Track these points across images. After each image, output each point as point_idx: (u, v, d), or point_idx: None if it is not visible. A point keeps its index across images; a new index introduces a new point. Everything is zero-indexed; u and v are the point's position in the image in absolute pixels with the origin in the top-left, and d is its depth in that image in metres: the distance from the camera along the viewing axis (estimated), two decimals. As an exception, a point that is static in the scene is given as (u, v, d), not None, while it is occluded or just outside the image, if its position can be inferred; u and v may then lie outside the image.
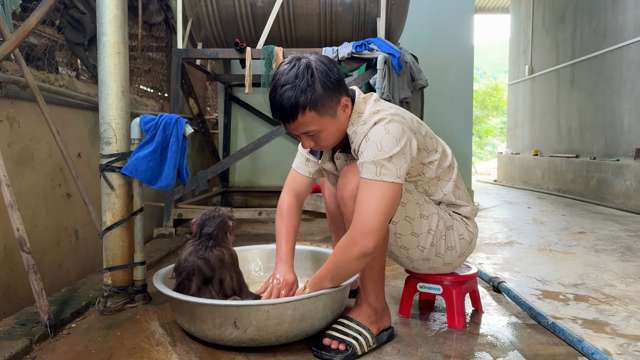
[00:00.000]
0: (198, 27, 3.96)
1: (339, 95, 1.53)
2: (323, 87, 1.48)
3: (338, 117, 1.54)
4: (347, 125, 1.59)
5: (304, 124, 1.51)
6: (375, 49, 3.40)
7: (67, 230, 2.68)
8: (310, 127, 1.51)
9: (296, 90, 1.46)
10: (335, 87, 1.51)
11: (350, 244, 1.45)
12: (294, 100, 1.46)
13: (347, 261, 1.48)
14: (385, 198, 1.44)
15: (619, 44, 6.06)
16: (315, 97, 1.47)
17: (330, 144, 1.60)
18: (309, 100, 1.46)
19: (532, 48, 8.79)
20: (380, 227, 1.44)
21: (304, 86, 1.46)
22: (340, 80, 1.54)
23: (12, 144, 2.24)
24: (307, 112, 1.48)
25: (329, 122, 1.53)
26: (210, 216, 1.77)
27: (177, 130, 1.97)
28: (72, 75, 3.15)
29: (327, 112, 1.51)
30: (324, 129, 1.53)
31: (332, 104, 1.51)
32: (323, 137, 1.55)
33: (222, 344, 1.61)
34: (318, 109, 1.48)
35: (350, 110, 1.58)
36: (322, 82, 1.48)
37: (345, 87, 1.57)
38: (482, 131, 17.49)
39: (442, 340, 1.72)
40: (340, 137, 1.60)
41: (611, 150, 6.25)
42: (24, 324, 1.72)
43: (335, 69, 1.53)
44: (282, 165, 5.34)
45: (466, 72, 5.53)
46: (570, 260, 2.98)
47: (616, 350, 1.65)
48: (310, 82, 1.47)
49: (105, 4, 1.90)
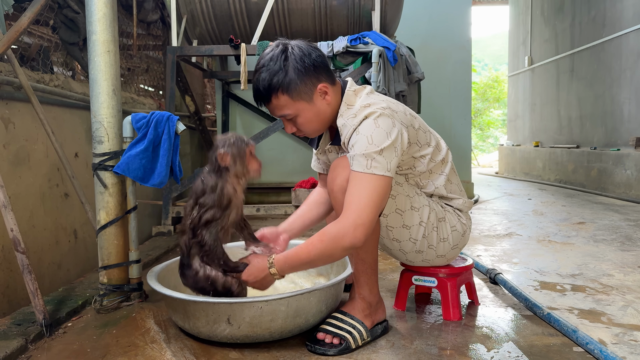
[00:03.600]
0: (193, 25, 3.95)
1: (315, 80, 1.54)
2: (295, 71, 1.51)
3: (315, 102, 1.56)
4: (330, 112, 1.60)
5: (279, 107, 1.55)
6: (370, 43, 3.39)
7: (66, 230, 2.69)
8: (285, 111, 1.55)
9: (269, 73, 1.51)
10: (310, 72, 1.53)
11: (340, 235, 1.43)
12: (267, 83, 1.51)
13: (333, 250, 1.46)
14: (377, 191, 1.44)
15: (618, 33, 6.02)
16: (287, 80, 1.50)
17: (311, 130, 1.62)
18: (281, 84, 1.50)
19: (532, 39, 8.75)
20: (371, 220, 1.44)
21: (276, 69, 1.50)
22: (317, 66, 1.55)
23: (7, 145, 2.25)
24: (280, 95, 1.52)
25: (305, 107, 1.55)
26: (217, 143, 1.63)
27: (168, 127, 1.97)
28: (68, 75, 3.16)
29: (301, 96, 1.53)
30: (300, 113, 1.56)
31: (307, 89, 1.53)
32: (300, 122, 1.58)
33: (216, 340, 1.61)
34: (291, 92, 1.52)
35: (332, 98, 1.58)
36: (294, 67, 1.51)
37: (326, 74, 1.58)
38: (484, 123, 17.44)
39: (437, 333, 1.72)
40: (322, 124, 1.61)
41: (611, 140, 6.22)
42: (20, 324, 1.73)
43: (314, 54, 1.55)
44: (282, 162, 5.34)
45: (464, 64, 5.50)
46: (569, 250, 2.97)
47: (612, 340, 1.65)
48: (282, 66, 1.51)
49: (94, 3, 1.89)
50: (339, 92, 1.62)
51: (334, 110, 1.60)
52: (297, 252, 1.52)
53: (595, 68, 6.60)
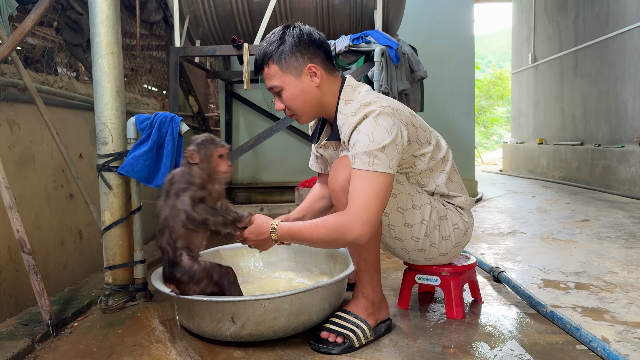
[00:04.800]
0: (195, 25, 3.96)
1: (307, 58, 1.59)
2: (290, 44, 1.57)
3: (302, 80, 1.59)
4: (317, 96, 1.62)
5: (269, 76, 1.61)
6: (372, 42, 3.39)
7: (71, 230, 2.71)
8: (273, 82, 1.61)
9: (267, 43, 1.60)
10: (303, 48, 1.58)
11: (346, 228, 1.44)
12: (262, 52, 1.60)
13: (335, 239, 1.47)
14: (380, 188, 1.45)
15: (622, 29, 5.99)
16: (280, 50, 1.58)
17: (297, 108, 1.63)
18: (273, 52, 1.58)
19: (535, 36, 8.72)
20: (377, 217, 1.45)
21: (273, 39, 1.59)
22: (312, 44, 1.60)
23: (12, 147, 2.26)
24: (271, 64, 1.59)
25: (291, 81, 1.59)
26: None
27: (172, 128, 1.98)
28: (72, 76, 3.17)
29: (290, 70, 1.58)
30: (285, 87, 1.60)
31: (297, 64, 1.58)
32: (285, 97, 1.62)
33: (220, 339, 1.62)
34: (280, 63, 1.58)
35: (322, 82, 1.61)
36: (290, 40, 1.58)
37: (322, 59, 1.62)
38: (488, 121, 17.39)
39: (441, 331, 1.73)
40: (308, 105, 1.63)
41: (616, 137, 6.20)
42: (27, 324, 1.75)
43: (314, 34, 1.61)
44: (285, 161, 5.35)
45: (467, 62, 5.49)
46: (573, 248, 2.97)
47: (615, 338, 1.65)
48: (279, 37, 1.59)
49: (97, 5, 1.91)
50: (335, 84, 1.64)
51: (324, 99, 1.63)
52: (301, 227, 1.54)
53: (599, 65, 6.57)
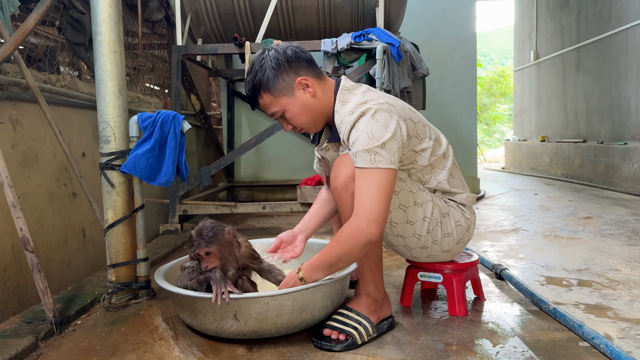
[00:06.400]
0: (197, 23, 3.97)
1: (292, 75, 1.61)
2: (270, 70, 1.60)
3: (297, 96, 1.62)
4: (317, 106, 1.64)
5: (266, 106, 1.65)
6: (374, 39, 3.39)
7: (74, 229, 2.72)
8: (272, 109, 1.64)
9: (251, 76, 1.63)
10: (285, 68, 1.61)
11: (355, 232, 1.45)
12: (250, 85, 1.64)
13: (350, 249, 1.48)
14: (384, 184, 1.46)
15: (625, 26, 5.97)
16: (265, 79, 1.60)
17: (304, 123, 1.67)
18: (260, 84, 1.61)
19: (537, 33, 8.69)
20: (384, 213, 1.46)
21: (255, 70, 1.62)
22: (292, 61, 1.62)
23: (15, 146, 2.27)
24: (263, 94, 1.62)
25: (288, 102, 1.62)
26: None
27: (174, 126, 1.98)
28: (74, 75, 3.18)
29: (282, 92, 1.61)
30: (286, 109, 1.63)
31: (286, 84, 1.61)
32: (289, 117, 1.65)
33: (223, 336, 1.63)
34: (270, 90, 1.60)
35: (317, 90, 1.63)
36: (269, 66, 1.60)
37: (306, 69, 1.64)
38: (490, 118, 17.36)
39: (443, 329, 1.73)
40: (312, 116, 1.65)
41: (618, 134, 6.18)
42: (30, 322, 1.76)
43: (289, 51, 1.63)
44: (287, 159, 5.35)
45: (469, 59, 5.48)
46: (576, 245, 2.97)
47: (618, 335, 1.65)
48: (259, 68, 1.61)
49: (99, 3, 1.91)
50: (329, 88, 1.66)
51: (323, 104, 1.65)
52: (320, 256, 1.57)
53: (602, 62, 6.55)
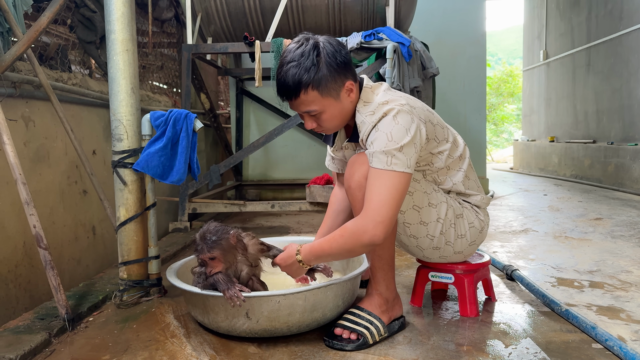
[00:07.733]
0: (207, 22, 3.97)
1: (344, 78, 1.54)
2: (328, 67, 1.49)
3: (341, 100, 1.56)
4: (351, 110, 1.60)
5: (306, 102, 1.52)
6: (384, 38, 3.38)
7: (85, 226, 2.73)
8: (312, 107, 1.53)
9: (300, 68, 1.48)
10: (341, 69, 1.52)
11: (360, 231, 1.45)
12: (298, 78, 1.48)
13: (353, 246, 1.48)
14: (397, 187, 1.45)
15: (636, 26, 5.92)
16: (319, 76, 1.48)
17: (332, 127, 1.61)
18: (312, 79, 1.48)
19: (547, 32, 8.64)
20: (392, 217, 1.44)
21: (308, 65, 1.48)
22: (347, 63, 1.54)
23: (28, 143, 2.29)
24: (310, 90, 1.49)
25: (331, 103, 1.54)
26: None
27: (186, 125, 1.99)
28: (85, 73, 3.20)
29: (330, 93, 1.52)
30: (326, 109, 1.54)
31: (336, 86, 1.53)
32: (324, 118, 1.57)
33: (235, 335, 1.63)
34: (321, 88, 1.50)
35: (355, 95, 1.59)
36: (327, 63, 1.50)
37: (353, 72, 1.58)
38: (498, 118, 17.28)
39: (454, 329, 1.72)
40: (343, 121, 1.61)
41: (629, 135, 6.13)
42: (43, 318, 1.77)
43: (343, 51, 1.54)
44: (296, 158, 5.35)
45: (479, 59, 5.46)
46: (586, 247, 2.95)
47: (631, 337, 1.64)
48: (315, 62, 1.48)
49: (112, 2, 1.92)
50: (359, 90, 1.62)
51: (354, 107, 1.61)
52: (321, 243, 1.55)
53: (612, 62, 6.50)
